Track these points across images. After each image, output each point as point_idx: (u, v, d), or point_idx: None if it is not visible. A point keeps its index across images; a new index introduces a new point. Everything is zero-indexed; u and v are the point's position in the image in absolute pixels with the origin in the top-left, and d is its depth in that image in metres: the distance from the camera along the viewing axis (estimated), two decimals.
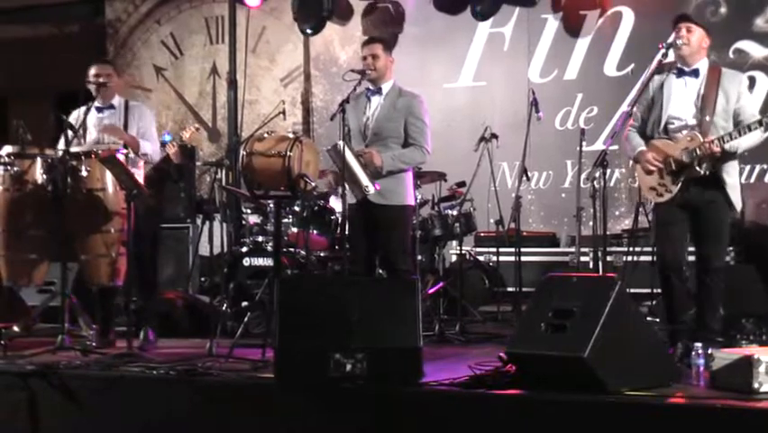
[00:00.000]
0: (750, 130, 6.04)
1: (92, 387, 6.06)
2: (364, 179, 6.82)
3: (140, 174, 7.48)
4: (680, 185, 6.20)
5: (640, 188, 6.54)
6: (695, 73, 6.29)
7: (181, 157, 8.19)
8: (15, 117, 9.09)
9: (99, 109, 7.67)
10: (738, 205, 6.27)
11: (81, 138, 7.54)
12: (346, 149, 6.73)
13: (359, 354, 5.51)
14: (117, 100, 7.76)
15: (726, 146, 6.05)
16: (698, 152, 6.09)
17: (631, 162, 6.60)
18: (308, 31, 11.43)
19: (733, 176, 6.25)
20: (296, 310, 5.70)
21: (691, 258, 6.45)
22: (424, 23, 11.33)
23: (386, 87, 7.12)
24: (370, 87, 7.13)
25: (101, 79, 7.59)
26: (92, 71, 7.66)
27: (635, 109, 6.43)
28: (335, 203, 8.41)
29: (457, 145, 9.80)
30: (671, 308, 6.37)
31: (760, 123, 6.04)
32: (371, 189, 6.82)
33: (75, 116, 7.63)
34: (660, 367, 5.38)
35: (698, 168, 6.11)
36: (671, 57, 6.36)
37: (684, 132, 6.21)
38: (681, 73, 6.32)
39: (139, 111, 7.76)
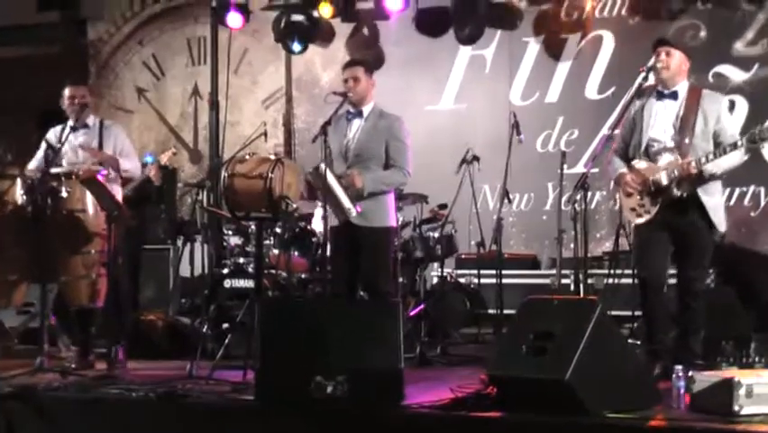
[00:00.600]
0: (726, 152, 6.07)
1: (71, 409, 6.03)
2: (346, 201, 6.82)
3: (118, 192, 7.49)
4: (658, 207, 6.22)
5: (621, 211, 6.57)
6: (674, 95, 6.33)
7: (160, 178, 8.19)
8: None
9: (74, 129, 7.67)
10: (721, 226, 6.28)
11: (59, 159, 7.55)
12: (328, 172, 6.73)
13: (340, 376, 5.50)
14: (92, 120, 7.78)
15: (704, 168, 6.08)
16: (675, 173, 6.12)
17: (612, 184, 6.63)
18: (295, 49, 11.40)
19: (715, 197, 6.27)
20: (277, 332, 5.69)
21: (672, 280, 6.48)
22: (406, 46, 11.35)
23: (366, 109, 7.12)
24: (351, 110, 7.14)
25: (76, 101, 7.61)
26: (66, 93, 7.68)
27: (616, 131, 6.46)
28: (317, 225, 8.40)
29: (439, 167, 9.82)
30: (651, 328, 6.39)
31: (734, 145, 6.07)
32: (353, 212, 6.82)
33: (51, 136, 7.64)
34: (641, 390, 5.38)
35: (675, 190, 6.13)
36: (651, 80, 6.40)
37: (664, 154, 6.24)
38: (660, 96, 6.37)
39: (114, 130, 7.79)
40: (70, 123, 7.67)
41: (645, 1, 10.48)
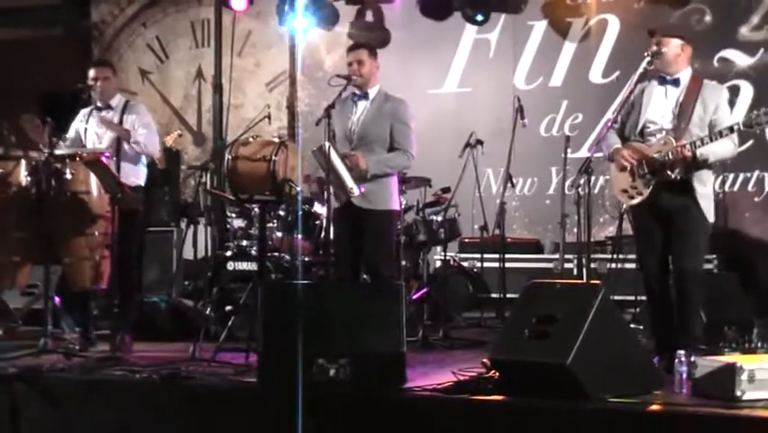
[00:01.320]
0: (722, 136, 6.06)
1: (75, 390, 6.05)
2: (349, 180, 6.82)
3: (142, 172, 7.51)
4: (651, 188, 6.21)
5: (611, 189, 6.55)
6: (676, 82, 6.31)
7: (164, 161, 8.19)
8: (0, 120, 9.07)
9: (99, 109, 7.72)
10: (710, 215, 6.25)
11: (83, 139, 7.61)
12: (332, 150, 6.72)
13: (342, 360, 5.51)
14: (116, 100, 7.78)
15: (698, 152, 6.07)
16: (670, 155, 6.11)
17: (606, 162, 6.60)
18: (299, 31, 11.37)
19: (707, 185, 6.26)
20: (280, 315, 5.70)
21: None
22: (409, 29, 11.33)
23: (372, 92, 7.11)
24: (357, 92, 7.13)
25: (99, 82, 7.61)
26: (90, 74, 7.68)
27: (617, 115, 6.45)
28: (320, 208, 8.40)
29: (442, 151, 9.81)
30: (655, 318, 6.39)
31: (731, 129, 6.06)
32: (356, 192, 6.82)
33: (80, 117, 7.66)
34: (643, 374, 5.40)
35: (669, 172, 6.13)
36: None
37: (659, 136, 6.24)
38: (662, 81, 6.35)
39: (135, 108, 7.79)
40: (98, 104, 7.70)
41: None
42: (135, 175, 7.59)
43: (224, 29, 11.85)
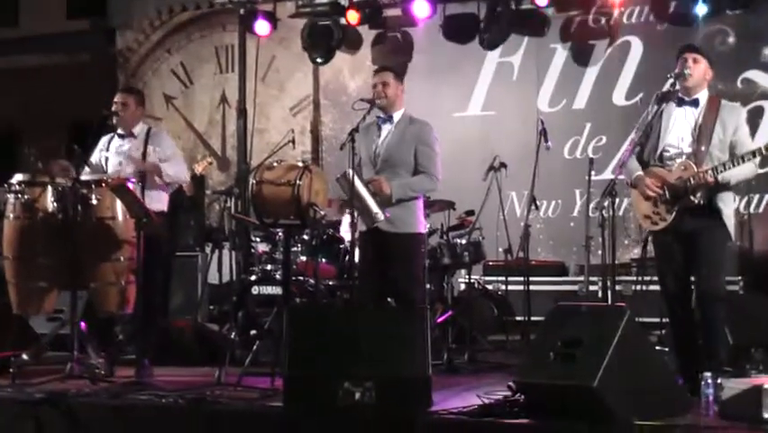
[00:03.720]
0: (744, 161, 6.04)
1: (101, 415, 6.07)
2: (374, 206, 6.83)
3: (164, 198, 7.54)
4: (674, 214, 6.19)
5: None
6: (695, 103, 6.30)
7: (193, 188, 8.21)
8: (27, 146, 9.14)
9: (121, 136, 7.74)
10: (733, 235, 6.25)
11: (104, 166, 7.62)
12: (355, 177, 6.75)
13: (368, 383, 5.51)
14: (139, 128, 7.76)
15: (720, 177, 6.05)
16: (692, 181, 6.09)
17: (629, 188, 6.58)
18: (318, 60, 11.48)
19: (729, 206, 6.24)
20: (305, 339, 5.71)
21: None
22: (433, 53, 11.36)
23: (397, 115, 7.13)
24: (381, 116, 7.15)
25: (114, 108, 7.65)
26: (114, 98, 7.73)
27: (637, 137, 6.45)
28: (344, 232, 8.41)
29: (466, 174, 9.82)
30: (679, 340, 6.36)
31: (754, 154, 6.04)
32: (381, 217, 6.83)
33: (101, 144, 7.70)
34: (670, 397, 5.37)
35: (692, 197, 6.11)
36: (677, 86, 6.37)
37: (678, 160, 6.22)
38: (681, 102, 6.34)
39: (158, 138, 7.75)
40: (119, 130, 7.74)
41: (674, 7, 10.43)
42: (159, 201, 7.61)
43: (248, 54, 11.93)
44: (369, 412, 5.48)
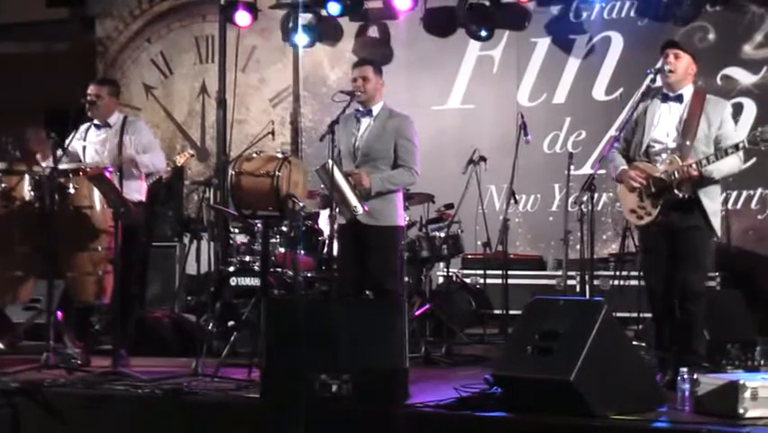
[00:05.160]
0: (727, 154, 6.06)
1: (76, 405, 6.05)
2: (353, 199, 6.83)
3: (142, 187, 7.50)
4: (659, 208, 6.21)
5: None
6: (679, 99, 6.32)
7: (170, 175, 8.19)
8: (4, 134, 9.08)
9: (97, 126, 7.71)
10: (719, 231, 6.28)
11: (82, 155, 7.59)
12: (335, 169, 6.74)
13: (345, 375, 5.51)
14: (115, 118, 7.74)
15: (704, 170, 6.07)
16: (676, 175, 6.11)
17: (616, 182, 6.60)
18: (299, 46, 11.45)
19: (715, 201, 6.26)
20: (282, 331, 5.70)
21: None
22: (413, 46, 11.35)
23: (376, 108, 7.13)
24: (360, 109, 7.14)
25: (88, 98, 7.61)
26: (87, 89, 7.69)
27: (621, 133, 6.46)
28: (323, 224, 8.40)
29: (445, 167, 9.82)
30: (659, 335, 6.38)
31: (736, 147, 6.06)
32: (360, 210, 6.82)
33: (79, 134, 7.66)
34: (646, 391, 5.39)
35: (677, 191, 6.12)
36: (658, 82, 6.39)
37: (664, 155, 6.24)
38: (665, 98, 6.35)
39: (134, 127, 7.74)
40: (95, 121, 7.70)
41: (654, 2, 10.45)
42: (137, 191, 7.59)
43: (229, 45, 11.88)
44: (346, 404, 5.47)
